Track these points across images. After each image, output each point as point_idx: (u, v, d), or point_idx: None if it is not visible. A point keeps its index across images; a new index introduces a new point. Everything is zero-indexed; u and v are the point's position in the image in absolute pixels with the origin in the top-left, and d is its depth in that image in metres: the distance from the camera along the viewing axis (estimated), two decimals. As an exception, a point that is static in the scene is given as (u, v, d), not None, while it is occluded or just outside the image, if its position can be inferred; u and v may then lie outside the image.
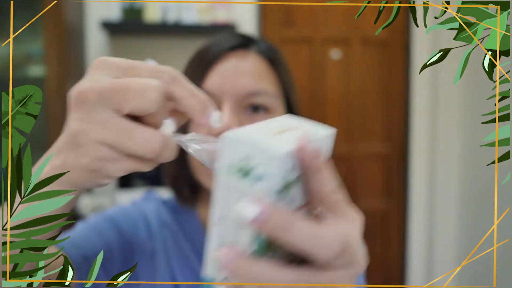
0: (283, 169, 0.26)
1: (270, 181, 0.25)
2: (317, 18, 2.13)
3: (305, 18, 2.13)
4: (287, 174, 0.26)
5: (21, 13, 1.54)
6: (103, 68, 0.31)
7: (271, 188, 0.25)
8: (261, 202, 0.25)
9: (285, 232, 0.25)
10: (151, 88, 0.30)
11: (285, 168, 0.26)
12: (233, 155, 0.27)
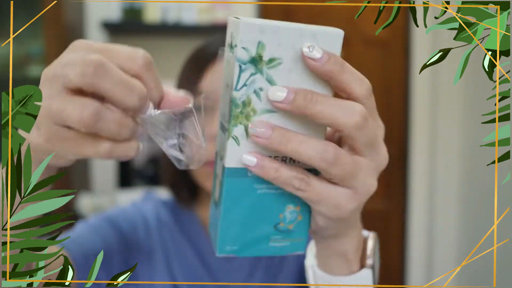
0: (248, 39, 0.28)
1: (240, 50, 0.29)
2: (317, 18, 2.13)
3: (305, 18, 2.13)
4: (258, 46, 0.28)
5: (21, 13, 1.54)
6: (77, 50, 0.30)
7: (243, 56, 0.29)
8: (288, 88, 0.28)
9: (312, 105, 0.28)
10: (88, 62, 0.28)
11: (251, 38, 0.28)
12: (228, 35, 0.31)
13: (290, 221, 0.33)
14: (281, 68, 0.29)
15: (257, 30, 0.28)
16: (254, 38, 0.28)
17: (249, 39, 0.28)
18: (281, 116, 0.30)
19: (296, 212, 0.33)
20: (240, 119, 0.30)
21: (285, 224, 0.33)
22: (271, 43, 0.29)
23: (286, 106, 0.28)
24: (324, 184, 0.30)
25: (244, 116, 0.30)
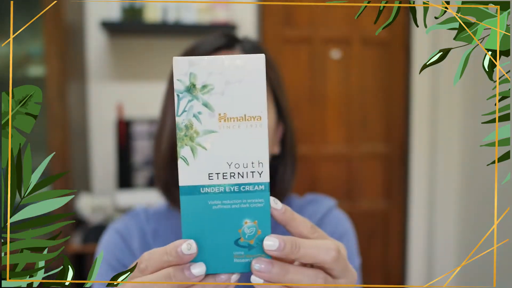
0: (181, 72, 0.33)
1: (176, 82, 0.33)
2: (317, 18, 2.13)
3: (305, 18, 2.13)
4: (190, 76, 0.33)
5: (21, 13, 1.54)
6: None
7: (179, 86, 0.33)
8: (278, 237, 0.34)
9: (298, 250, 0.34)
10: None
11: (184, 71, 0.33)
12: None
13: (250, 236, 0.34)
14: (214, 93, 0.33)
15: (187, 63, 0.33)
16: (186, 70, 0.33)
17: (182, 72, 0.33)
18: (221, 135, 0.33)
19: (254, 227, 0.34)
20: (186, 141, 0.33)
21: (245, 239, 0.34)
22: (202, 72, 0.33)
23: (279, 253, 0.34)
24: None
25: (188, 138, 0.33)
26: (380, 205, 2.25)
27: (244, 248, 0.34)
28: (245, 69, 0.33)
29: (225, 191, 0.34)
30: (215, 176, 0.33)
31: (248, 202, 0.34)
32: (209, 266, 0.34)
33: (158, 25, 1.83)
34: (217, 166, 0.33)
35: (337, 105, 2.17)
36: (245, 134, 0.33)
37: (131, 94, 1.98)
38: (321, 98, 2.16)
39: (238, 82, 0.33)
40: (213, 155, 0.33)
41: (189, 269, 0.34)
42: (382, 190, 2.25)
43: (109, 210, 1.75)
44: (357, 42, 2.14)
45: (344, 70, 2.15)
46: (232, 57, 0.33)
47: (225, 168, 0.33)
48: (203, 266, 0.34)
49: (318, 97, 2.15)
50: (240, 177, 0.34)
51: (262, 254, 0.35)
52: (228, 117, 0.33)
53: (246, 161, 0.34)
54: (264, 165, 0.34)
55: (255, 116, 0.33)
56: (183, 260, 0.34)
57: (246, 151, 0.33)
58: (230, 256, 0.34)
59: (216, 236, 0.34)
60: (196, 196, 0.34)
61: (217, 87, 0.33)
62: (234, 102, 0.33)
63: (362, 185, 2.22)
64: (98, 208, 1.72)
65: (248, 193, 0.34)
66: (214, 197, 0.34)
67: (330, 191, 2.17)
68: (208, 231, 0.34)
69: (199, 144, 0.33)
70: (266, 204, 0.34)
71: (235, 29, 1.86)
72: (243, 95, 0.33)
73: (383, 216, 2.25)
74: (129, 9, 1.82)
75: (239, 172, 0.34)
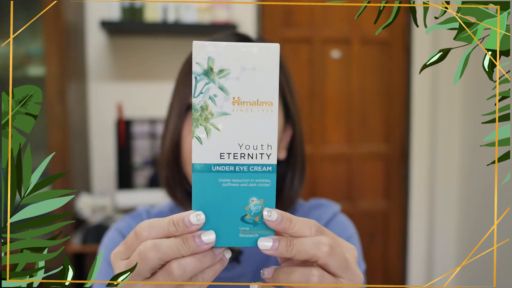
0: (200, 55, 0.35)
1: (194, 65, 0.35)
2: (317, 18, 2.13)
3: (305, 18, 2.13)
4: (209, 60, 0.35)
5: (21, 13, 1.54)
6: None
7: (197, 69, 0.35)
8: (274, 238, 0.36)
9: (291, 248, 0.35)
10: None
11: (202, 55, 0.34)
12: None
13: (256, 214, 0.37)
14: (230, 77, 0.35)
15: (207, 48, 0.35)
16: (205, 54, 0.35)
17: (201, 56, 0.35)
18: (234, 118, 0.35)
19: (260, 205, 0.37)
20: (200, 121, 0.35)
21: (251, 216, 0.37)
22: (219, 57, 0.35)
23: (275, 253, 0.35)
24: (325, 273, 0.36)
25: (203, 119, 0.35)
26: (380, 205, 2.25)
27: (249, 224, 0.37)
28: (260, 57, 0.35)
29: (235, 170, 0.36)
30: (226, 156, 0.36)
31: (256, 181, 0.36)
32: (216, 239, 0.36)
33: (158, 25, 1.83)
34: (229, 147, 0.36)
35: (337, 105, 2.17)
36: (256, 117, 0.36)
37: (131, 94, 1.98)
38: (321, 98, 2.16)
39: (253, 69, 0.35)
40: (225, 136, 0.35)
41: (199, 237, 0.35)
42: (382, 190, 2.25)
43: (109, 210, 1.75)
44: (357, 42, 2.14)
45: (344, 70, 2.15)
46: (249, 45, 0.35)
47: (236, 148, 0.36)
48: (213, 234, 0.35)
49: (318, 97, 2.15)
50: (249, 158, 0.36)
51: (267, 230, 0.37)
52: (241, 101, 0.35)
53: (256, 143, 0.36)
54: (272, 147, 0.36)
55: (267, 101, 0.36)
56: (189, 230, 0.35)
57: (256, 134, 0.36)
58: (236, 231, 0.37)
59: (224, 211, 0.36)
60: (207, 173, 0.36)
61: (233, 72, 0.35)
62: (248, 87, 0.35)
63: (362, 185, 2.22)
64: (98, 208, 1.72)
65: (256, 173, 0.36)
66: (224, 175, 0.36)
67: (330, 191, 2.17)
68: (216, 206, 0.36)
69: (213, 125, 0.35)
70: (273, 184, 0.37)
71: (235, 29, 1.86)
72: (257, 81, 0.35)
73: (383, 216, 2.25)
74: (129, 9, 1.82)
75: (249, 153, 0.36)
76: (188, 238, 0.34)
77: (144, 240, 0.35)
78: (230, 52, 0.35)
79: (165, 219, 0.35)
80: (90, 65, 1.98)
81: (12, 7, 0.45)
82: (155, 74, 2.00)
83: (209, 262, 0.35)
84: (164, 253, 0.34)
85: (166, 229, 0.35)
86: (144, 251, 0.34)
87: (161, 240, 0.34)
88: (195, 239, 0.34)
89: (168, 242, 0.34)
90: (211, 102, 0.35)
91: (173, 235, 0.35)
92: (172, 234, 0.35)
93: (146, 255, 0.34)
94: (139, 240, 0.35)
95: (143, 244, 0.34)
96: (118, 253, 0.36)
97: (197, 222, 0.35)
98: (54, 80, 1.60)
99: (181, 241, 0.34)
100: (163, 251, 0.34)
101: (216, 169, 0.36)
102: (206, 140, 0.35)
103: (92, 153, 2.00)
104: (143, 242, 0.34)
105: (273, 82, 0.35)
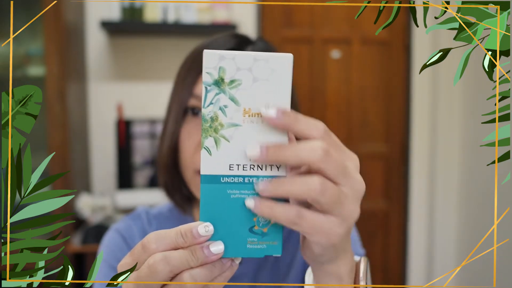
0: (211, 65, 0.34)
1: (205, 74, 0.34)
2: (317, 18, 2.13)
3: (305, 18, 2.13)
4: (220, 70, 0.34)
5: (21, 13, 1.54)
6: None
7: (207, 79, 0.34)
8: (259, 146, 0.34)
9: (282, 152, 0.34)
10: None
11: (213, 65, 0.34)
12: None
13: (264, 225, 0.36)
14: (241, 88, 0.34)
15: (218, 57, 0.34)
16: (216, 64, 0.34)
17: (211, 65, 0.34)
18: (244, 129, 0.35)
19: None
20: (210, 132, 0.35)
21: (259, 227, 0.36)
22: (231, 67, 0.34)
23: (264, 158, 0.34)
24: (315, 214, 0.34)
25: (213, 130, 0.35)
26: (380, 205, 2.25)
27: (257, 235, 0.36)
28: (273, 68, 0.34)
29: (244, 181, 0.35)
30: (235, 167, 0.35)
31: None
32: (224, 250, 0.36)
33: (158, 25, 1.83)
34: (238, 158, 0.35)
35: (337, 105, 2.17)
36: (267, 129, 0.35)
37: (131, 94, 1.99)
38: (321, 98, 2.16)
39: (265, 80, 0.34)
40: (235, 147, 0.35)
41: (208, 248, 0.34)
42: (382, 190, 2.25)
43: (109, 210, 1.75)
44: (357, 42, 2.14)
45: (344, 70, 2.15)
46: (261, 55, 0.34)
47: (245, 160, 0.35)
48: (221, 245, 0.35)
49: (318, 97, 2.15)
50: (259, 169, 0.35)
51: (275, 241, 0.37)
52: (252, 113, 0.35)
53: None
54: None
55: None
56: (197, 241, 0.34)
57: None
58: (244, 242, 0.36)
59: (232, 222, 0.36)
60: (216, 185, 0.35)
61: (244, 83, 0.34)
62: (259, 98, 0.34)
63: (362, 185, 2.22)
64: (98, 208, 1.72)
65: None
66: (233, 186, 0.35)
67: (330, 191, 2.17)
68: (224, 217, 0.36)
69: (223, 136, 0.35)
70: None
71: (235, 29, 1.86)
72: (269, 92, 0.35)
73: (383, 216, 2.25)
74: (129, 9, 1.82)
75: (258, 164, 0.35)
76: (196, 249, 0.34)
77: (152, 253, 0.34)
78: (242, 62, 0.34)
79: (172, 230, 0.35)
80: (90, 65, 1.98)
81: (12, 7, 0.45)
82: (155, 74, 2.00)
83: (218, 272, 0.35)
84: (174, 265, 0.34)
85: (174, 240, 0.34)
86: (154, 264, 0.33)
87: (170, 252, 0.34)
88: (203, 250, 0.34)
89: (177, 254, 0.34)
90: (221, 113, 0.34)
91: (181, 247, 0.34)
92: (180, 245, 0.34)
93: (157, 268, 0.33)
94: (147, 252, 0.35)
95: (152, 257, 0.34)
96: (125, 264, 0.36)
97: (206, 234, 0.34)
98: (54, 80, 1.60)
99: (189, 252, 0.34)
100: (173, 263, 0.33)
101: (225, 180, 0.35)
102: (215, 151, 0.35)
103: (92, 153, 2.00)
104: (152, 255, 0.34)
105: (285, 93, 0.34)
